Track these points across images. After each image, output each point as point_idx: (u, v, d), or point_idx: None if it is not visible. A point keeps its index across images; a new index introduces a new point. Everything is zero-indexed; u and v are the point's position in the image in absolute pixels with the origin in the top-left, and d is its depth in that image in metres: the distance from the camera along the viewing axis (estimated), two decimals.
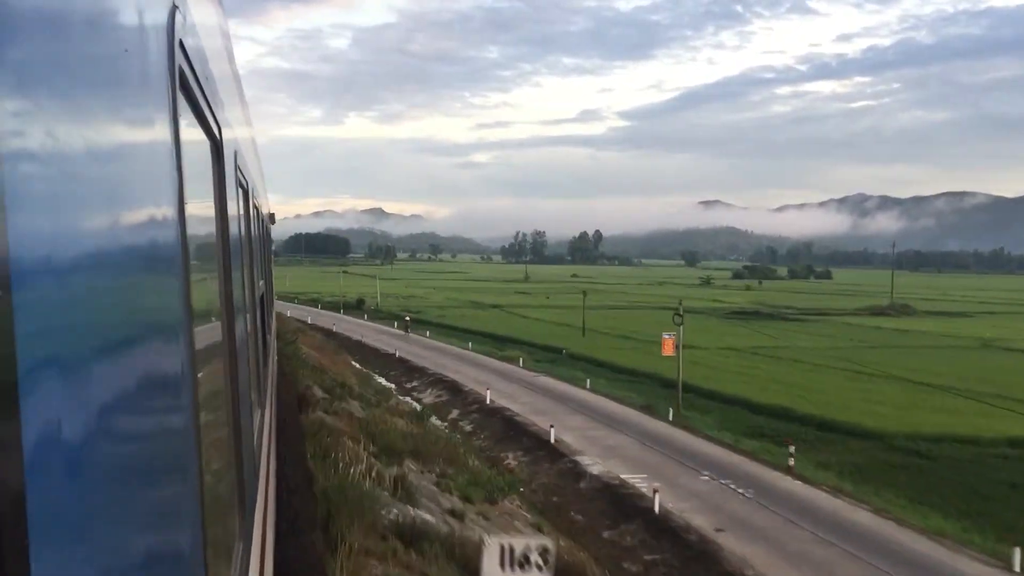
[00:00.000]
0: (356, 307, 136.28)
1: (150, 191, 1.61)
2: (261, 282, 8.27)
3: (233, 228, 3.74)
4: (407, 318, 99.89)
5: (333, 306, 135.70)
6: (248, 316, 5.02)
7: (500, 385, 56.21)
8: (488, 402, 50.52)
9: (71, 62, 1.09)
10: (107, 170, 1.27)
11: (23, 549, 0.79)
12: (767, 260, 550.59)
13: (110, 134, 1.32)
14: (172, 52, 1.97)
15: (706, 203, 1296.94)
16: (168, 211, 1.79)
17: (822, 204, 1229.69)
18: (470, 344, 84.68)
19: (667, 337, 56.64)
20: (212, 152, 3.09)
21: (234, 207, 4.01)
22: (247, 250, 5.27)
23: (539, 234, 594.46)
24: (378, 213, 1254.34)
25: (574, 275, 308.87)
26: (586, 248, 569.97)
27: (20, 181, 0.83)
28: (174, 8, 2.04)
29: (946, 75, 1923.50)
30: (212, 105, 2.93)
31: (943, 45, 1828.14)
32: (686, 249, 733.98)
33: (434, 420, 45.98)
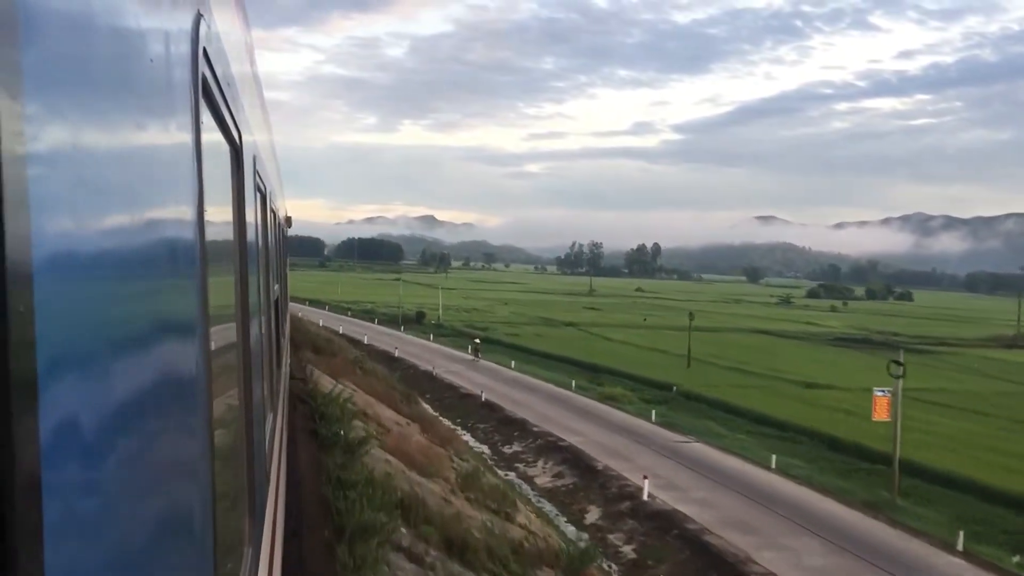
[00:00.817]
0: (416, 321, 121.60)
1: (171, 195, 1.64)
2: (276, 286, 8.22)
3: (250, 232, 3.73)
4: (477, 341, 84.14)
5: (390, 320, 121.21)
6: (263, 319, 4.97)
7: (643, 458, 40.23)
8: (646, 497, 33.45)
9: (98, 68, 1.12)
10: (130, 174, 1.30)
11: (38, 545, 0.81)
12: (829, 278, 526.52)
13: (134, 139, 1.34)
14: (196, 60, 1.99)
15: (762, 218, 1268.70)
16: (188, 215, 1.81)
17: (884, 222, 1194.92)
18: (573, 383, 68.90)
19: (880, 395, 40.16)
20: (232, 157, 3.13)
21: (252, 211, 3.98)
22: (263, 254, 5.27)
23: (596, 245, 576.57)
24: (430, 220, 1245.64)
25: (638, 289, 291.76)
26: (644, 261, 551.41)
27: (45, 183, 0.86)
28: (198, 16, 2.07)
29: (1010, 94, 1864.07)
30: (233, 111, 2.98)
31: (1008, 63, 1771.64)
32: (741, 264, 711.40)
33: (563, 523, 30.31)
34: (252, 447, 3.46)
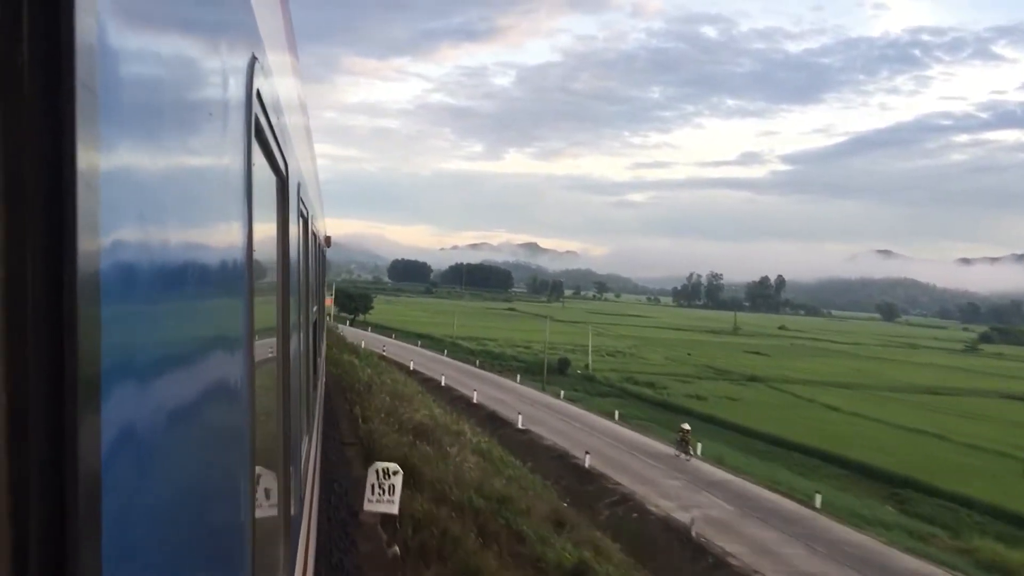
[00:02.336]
0: (559, 371, 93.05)
1: (224, 221, 1.74)
2: (314, 308, 8.45)
3: (293, 256, 3.87)
4: (686, 428, 50.46)
5: (527, 370, 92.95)
6: (301, 340, 5.08)
7: None
8: None
9: (164, 111, 1.23)
10: (189, 201, 1.40)
11: (98, 546, 0.86)
12: (968, 318, 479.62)
13: (192, 172, 1.44)
14: (249, 102, 2.09)
15: (882, 252, 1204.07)
16: (238, 242, 1.91)
17: (1019, 258, 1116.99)
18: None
19: None
20: (278, 188, 3.26)
21: (295, 235, 4.15)
22: (304, 276, 5.40)
23: (715, 276, 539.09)
24: (533, 248, 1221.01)
25: (782, 327, 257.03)
26: (767, 294, 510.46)
27: (115, 207, 0.94)
28: (253, 60, 2.17)
29: None
30: (281, 144, 3.10)
31: None
32: (858, 299, 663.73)
33: None
34: (288, 468, 3.51)
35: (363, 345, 75.08)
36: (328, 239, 18.81)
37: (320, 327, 12.51)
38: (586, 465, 41.48)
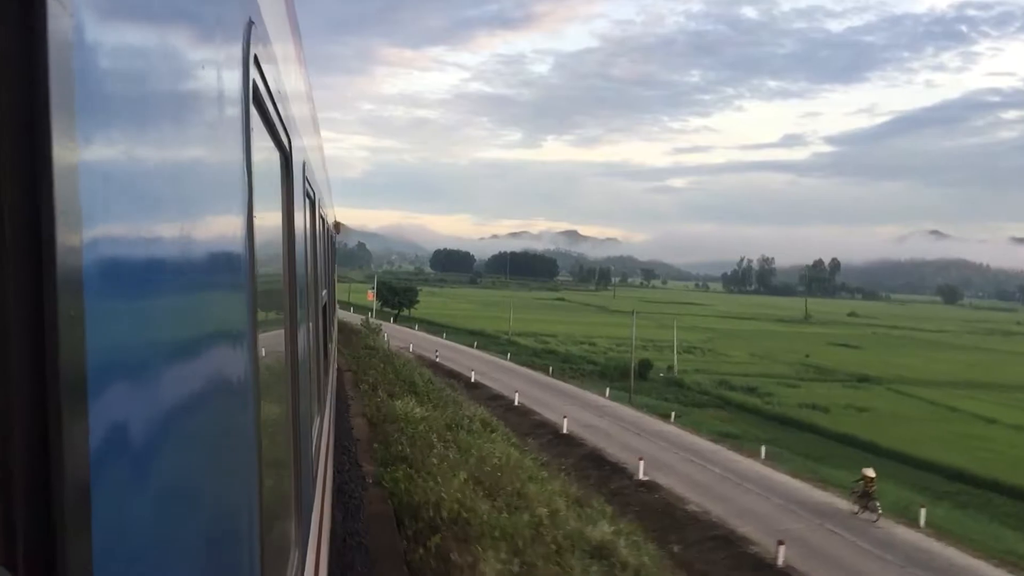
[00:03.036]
0: (640, 376, 78.58)
1: (222, 200, 1.66)
2: (324, 291, 8.34)
3: (299, 237, 3.79)
4: (869, 475, 34.36)
5: (601, 373, 78.79)
6: (310, 324, 5.05)
7: None
8: None
9: (150, 74, 1.14)
10: (180, 179, 1.31)
11: (87, 546, 0.82)
12: None
13: (185, 144, 1.36)
14: (246, 66, 2.01)
15: (933, 233, 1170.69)
16: (238, 219, 1.83)
17: None
18: None
19: None
20: (281, 163, 3.16)
21: (301, 217, 4.05)
22: (312, 259, 5.33)
23: (766, 261, 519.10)
24: (573, 235, 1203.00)
25: (851, 314, 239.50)
26: (821, 278, 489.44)
27: (96, 188, 0.87)
28: (250, 23, 2.09)
29: None
30: (283, 117, 2.98)
31: None
32: (910, 281, 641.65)
33: None
34: (299, 451, 3.50)
35: (412, 350, 61.38)
36: (338, 224, 18.63)
37: (331, 312, 12.61)
38: (779, 563, 26.21)
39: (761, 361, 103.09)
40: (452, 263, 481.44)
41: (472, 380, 57.44)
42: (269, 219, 2.65)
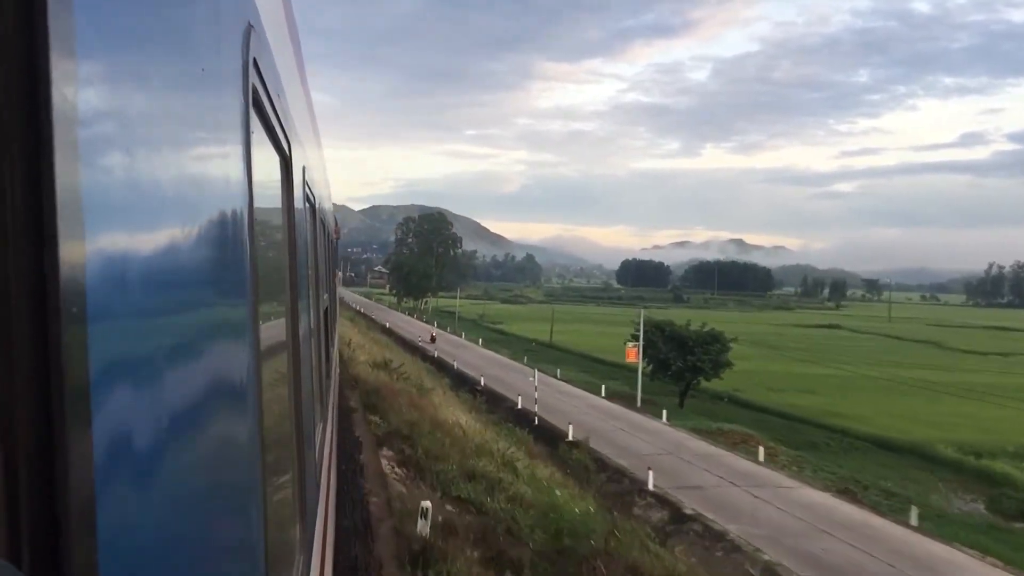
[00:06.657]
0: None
1: (222, 205, 1.65)
2: (325, 295, 8.40)
3: (300, 242, 3.79)
4: None
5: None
6: (312, 329, 5.07)
7: None
8: None
9: (150, 77, 1.13)
10: (180, 184, 1.30)
11: (93, 550, 0.82)
12: None
13: (184, 149, 1.36)
14: (246, 70, 2.00)
15: None
16: (238, 223, 1.82)
17: None
18: None
19: None
20: (281, 168, 3.14)
21: (301, 221, 4.05)
22: (313, 264, 5.36)
23: (1022, 268, 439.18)
24: (740, 244, 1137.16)
25: None
26: None
27: (97, 190, 0.88)
28: (249, 27, 2.09)
29: None
30: (283, 122, 2.99)
31: None
32: None
33: None
34: (303, 456, 3.53)
35: None
36: (338, 229, 18.52)
37: (332, 316, 12.60)
38: None
39: None
40: (644, 277, 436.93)
41: None
42: (270, 223, 2.66)
